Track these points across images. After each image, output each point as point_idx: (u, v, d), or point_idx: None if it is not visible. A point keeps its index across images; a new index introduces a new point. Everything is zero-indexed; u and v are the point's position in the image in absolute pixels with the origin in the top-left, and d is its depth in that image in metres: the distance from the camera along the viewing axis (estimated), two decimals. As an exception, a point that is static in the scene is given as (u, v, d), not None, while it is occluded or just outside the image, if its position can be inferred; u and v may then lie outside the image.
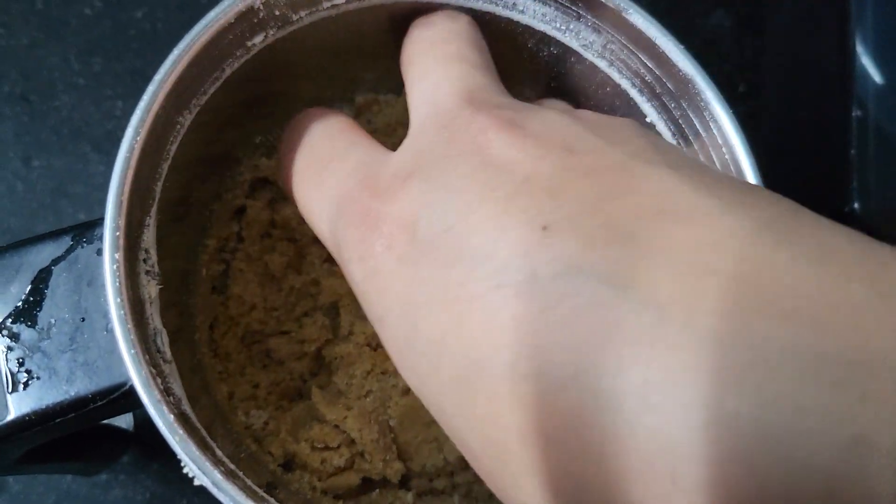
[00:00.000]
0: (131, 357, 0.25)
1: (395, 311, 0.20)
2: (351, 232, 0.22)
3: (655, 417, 0.14)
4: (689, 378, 0.14)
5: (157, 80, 0.28)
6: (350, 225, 0.23)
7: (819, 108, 0.45)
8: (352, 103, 0.42)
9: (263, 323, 0.39)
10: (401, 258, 0.20)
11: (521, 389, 0.16)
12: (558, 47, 0.36)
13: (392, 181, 0.22)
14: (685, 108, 0.32)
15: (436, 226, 0.19)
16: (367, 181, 0.23)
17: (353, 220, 0.22)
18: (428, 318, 0.19)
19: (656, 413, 0.14)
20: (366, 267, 0.22)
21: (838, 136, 0.43)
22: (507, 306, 0.17)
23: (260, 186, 0.41)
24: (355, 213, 0.22)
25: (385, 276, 0.21)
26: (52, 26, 0.45)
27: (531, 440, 0.16)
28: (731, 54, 0.49)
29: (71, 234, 0.28)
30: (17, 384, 0.26)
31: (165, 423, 0.24)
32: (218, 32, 0.30)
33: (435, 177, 0.20)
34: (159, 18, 0.46)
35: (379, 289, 0.21)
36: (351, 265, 0.23)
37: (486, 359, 0.17)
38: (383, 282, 0.21)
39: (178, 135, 0.31)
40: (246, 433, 0.37)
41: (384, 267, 0.21)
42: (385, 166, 0.23)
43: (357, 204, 0.23)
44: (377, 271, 0.21)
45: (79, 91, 0.45)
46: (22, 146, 0.44)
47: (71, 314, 0.27)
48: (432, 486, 0.38)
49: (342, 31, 0.36)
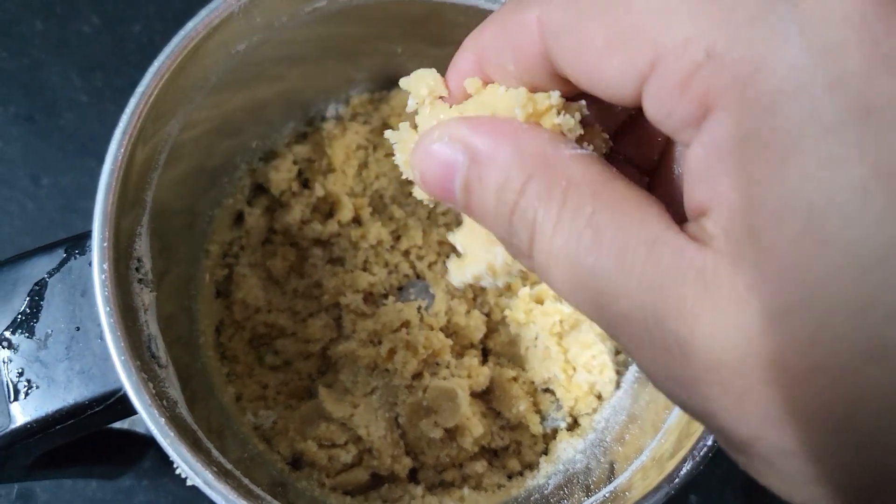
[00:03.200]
0: (122, 363, 0.26)
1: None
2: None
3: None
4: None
5: (139, 92, 0.29)
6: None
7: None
8: (347, 104, 0.43)
9: (269, 325, 0.40)
10: None
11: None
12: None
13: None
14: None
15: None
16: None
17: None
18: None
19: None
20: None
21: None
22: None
23: (258, 193, 0.41)
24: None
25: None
26: (53, 45, 0.46)
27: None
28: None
29: (64, 246, 0.29)
30: (17, 393, 0.27)
31: (156, 426, 0.25)
32: (199, 42, 0.30)
33: None
34: (157, 31, 0.47)
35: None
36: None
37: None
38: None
39: (167, 145, 0.32)
40: (254, 433, 0.38)
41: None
42: None
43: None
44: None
45: (82, 107, 0.46)
46: (30, 165, 0.45)
47: (66, 324, 0.28)
48: (442, 479, 0.38)
49: (327, 33, 0.36)
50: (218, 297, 0.40)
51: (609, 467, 0.35)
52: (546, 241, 0.16)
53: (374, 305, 0.40)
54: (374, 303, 0.40)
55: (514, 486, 0.38)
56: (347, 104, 0.43)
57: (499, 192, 0.17)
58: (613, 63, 0.16)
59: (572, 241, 0.16)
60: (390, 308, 0.39)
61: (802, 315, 0.13)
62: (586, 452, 0.37)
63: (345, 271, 0.40)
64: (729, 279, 0.14)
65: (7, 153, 0.45)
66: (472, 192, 0.18)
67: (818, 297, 0.13)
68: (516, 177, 0.17)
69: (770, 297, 0.13)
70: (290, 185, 0.41)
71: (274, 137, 0.41)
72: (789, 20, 0.13)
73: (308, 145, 0.42)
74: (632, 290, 0.15)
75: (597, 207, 0.16)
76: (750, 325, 0.14)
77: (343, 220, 0.41)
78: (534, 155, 0.17)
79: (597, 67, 0.16)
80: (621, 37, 0.15)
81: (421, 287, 0.41)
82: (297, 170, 0.41)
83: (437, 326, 0.39)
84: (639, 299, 0.15)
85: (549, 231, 0.16)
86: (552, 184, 0.16)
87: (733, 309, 0.14)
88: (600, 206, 0.16)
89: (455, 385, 0.37)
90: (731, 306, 0.14)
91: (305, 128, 0.42)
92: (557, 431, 0.39)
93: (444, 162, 0.18)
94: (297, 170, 0.41)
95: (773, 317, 0.13)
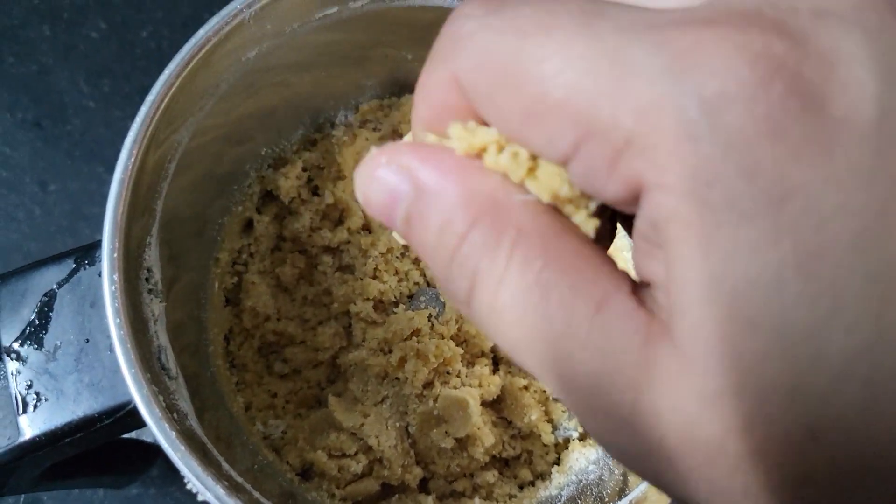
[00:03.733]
0: (132, 376, 0.25)
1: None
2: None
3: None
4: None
5: (150, 101, 0.28)
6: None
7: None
8: (356, 111, 0.42)
9: (278, 334, 0.39)
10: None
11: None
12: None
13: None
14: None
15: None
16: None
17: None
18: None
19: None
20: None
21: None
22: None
23: (268, 200, 0.41)
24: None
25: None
26: (61, 51, 0.46)
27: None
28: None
29: (73, 256, 0.29)
30: (26, 406, 0.27)
31: (167, 440, 0.25)
32: (209, 50, 0.30)
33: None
34: (164, 37, 0.47)
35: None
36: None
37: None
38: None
39: (177, 153, 0.31)
40: (264, 443, 0.37)
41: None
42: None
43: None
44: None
45: (89, 113, 0.45)
46: (37, 171, 0.45)
47: (76, 335, 0.28)
48: (453, 489, 0.38)
49: (338, 40, 0.36)
50: (227, 305, 0.40)
51: (622, 479, 0.35)
52: (489, 293, 0.16)
53: (385, 314, 0.40)
54: (385, 311, 0.40)
55: (525, 497, 0.38)
56: (357, 111, 0.42)
57: (440, 233, 0.16)
58: (534, 137, 0.15)
59: (518, 298, 0.15)
60: (401, 316, 0.39)
61: (736, 400, 0.13)
62: (599, 463, 0.37)
63: (354, 279, 0.40)
64: (667, 358, 0.14)
65: (14, 159, 0.45)
66: (413, 227, 0.17)
67: (750, 381, 0.13)
68: (460, 220, 0.16)
69: (703, 382, 0.13)
70: (299, 193, 0.40)
71: (283, 144, 0.41)
72: (697, 110, 0.13)
73: (317, 152, 0.42)
74: (578, 355, 0.15)
75: (547, 262, 0.15)
76: (687, 407, 0.14)
77: (353, 227, 0.41)
78: (482, 197, 0.16)
79: (519, 135, 0.15)
80: (539, 116, 0.15)
81: (431, 295, 0.41)
82: (307, 177, 0.41)
83: (447, 335, 0.39)
84: (585, 365, 0.15)
85: (492, 284, 0.15)
86: (500, 232, 0.15)
87: (672, 389, 0.14)
88: (550, 260, 0.15)
89: (466, 394, 0.37)
90: (670, 386, 0.14)
91: (315, 134, 0.42)
92: (569, 441, 0.39)
93: (389, 189, 0.17)
94: (306, 177, 0.41)
95: (707, 401, 0.13)
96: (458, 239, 0.16)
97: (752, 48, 0.13)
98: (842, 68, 0.13)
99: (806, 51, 0.13)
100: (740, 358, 0.13)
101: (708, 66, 0.13)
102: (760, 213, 0.13)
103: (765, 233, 0.13)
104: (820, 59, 0.13)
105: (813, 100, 0.13)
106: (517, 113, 0.15)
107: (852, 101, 0.13)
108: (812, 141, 0.13)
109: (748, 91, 0.13)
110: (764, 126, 0.13)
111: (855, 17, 0.14)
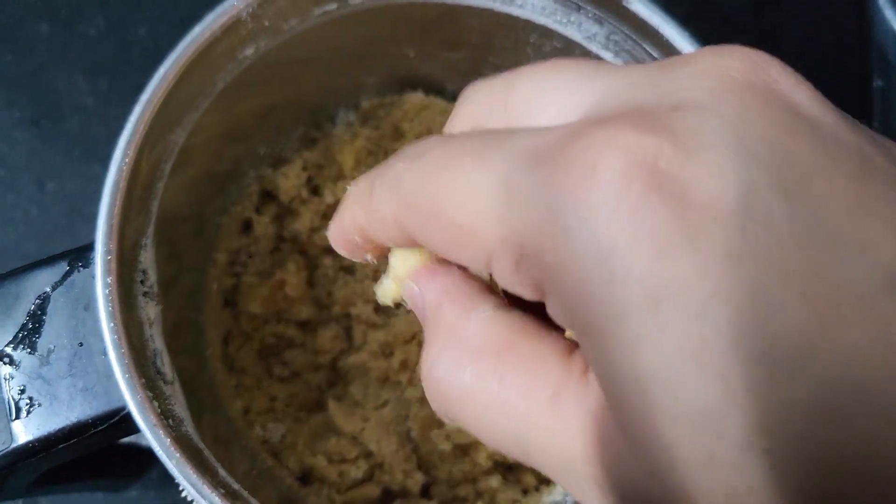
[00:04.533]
0: (126, 381, 0.25)
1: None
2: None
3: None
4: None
5: (144, 100, 0.28)
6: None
7: (839, 80, 0.44)
8: (357, 109, 0.42)
9: (278, 336, 0.39)
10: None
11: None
12: (561, 41, 0.35)
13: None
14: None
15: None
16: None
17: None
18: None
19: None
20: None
21: (860, 107, 0.42)
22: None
23: (267, 200, 0.41)
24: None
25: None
26: (58, 49, 0.45)
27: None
28: (749, 28, 0.47)
29: (67, 258, 0.28)
30: (19, 411, 0.26)
31: (161, 447, 0.24)
32: (205, 48, 0.29)
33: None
34: (162, 34, 0.46)
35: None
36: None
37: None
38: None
39: (173, 152, 0.31)
40: (263, 447, 0.37)
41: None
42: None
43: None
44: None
45: (87, 112, 0.45)
46: (35, 170, 0.44)
47: (69, 339, 0.27)
48: (455, 494, 0.38)
49: (338, 37, 0.35)
50: (226, 306, 0.39)
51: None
52: (458, 410, 0.18)
53: (386, 316, 0.39)
54: (386, 313, 0.39)
55: (529, 503, 0.37)
56: (357, 109, 0.42)
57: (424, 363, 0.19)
58: (461, 258, 0.17)
59: (483, 412, 0.17)
60: (402, 319, 0.38)
61: (669, 478, 0.14)
62: (603, 468, 0.37)
63: (355, 281, 0.40)
64: (611, 433, 0.15)
65: (12, 158, 0.45)
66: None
67: (676, 459, 0.14)
68: (433, 347, 0.18)
69: (641, 462, 0.14)
70: (299, 192, 0.40)
71: (282, 143, 0.41)
72: (570, 220, 0.14)
73: (317, 151, 0.41)
74: (541, 445, 0.16)
75: (502, 373, 0.17)
76: (639, 482, 0.15)
77: (353, 227, 0.40)
78: (446, 326, 0.18)
79: (452, 257, 0.18)
80: (457, 242, 0.17)
81: (433, 297, 0.40)
82: (307, 176, 0.40)
83: (449, 337, 0.38)
84: (551, 454, 0.16)
85: (461, 402, 0.17)
86: (461, 356, 0.18)
87: (622, 464, 0.15)
88: (505, 370, 0.17)
89: (469, 398, 0.36)
90: (619, 461, 0.15)
91: (315, 133, 0.42)
92: (574, 446, 0.38)
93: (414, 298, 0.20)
94: (306, 176, 0.40)
95: (651, 477, 0.14)
96: (430, 366, 0.18)
97: (613, 152, 0.14)
98: (700, 155, 0.14)
99: (661, 143, 0.14)
100: (661, 442, 0.14)
101: (578, 179, 0.14)
102: (639, 317, 0.13)
103: (650, 329, 0.13)
104: (675, 149, 0.14)
105: (672, 191, 0.14)
106: (442, 242, 0.17)
107: (712, 186, 0.13)
108: (676, 235, 0.13)
109: (612, 197, 0.14)
110: (628, 230, 0.14)
111: (712, 105, 0.15)
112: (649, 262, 0.13)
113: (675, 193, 0.13)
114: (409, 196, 0.17)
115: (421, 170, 0.17)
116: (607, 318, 0.14)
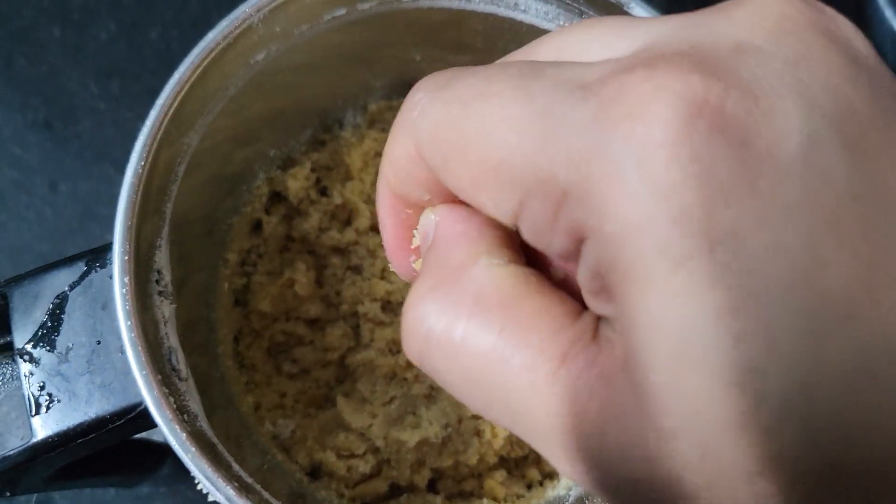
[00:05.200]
0: (143, 378, 0.26)
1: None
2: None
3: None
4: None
5: (159, 104, 0.28)
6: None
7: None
8: (364, 112, 0.42)
9: (287, 334, 0.40)
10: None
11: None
12: (564, 44, 0.35)
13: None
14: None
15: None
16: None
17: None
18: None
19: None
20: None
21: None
22: None
23: (276, 201, 0.41)
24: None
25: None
26: (70, 52, 0.46)
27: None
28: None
29: (84, 259, 0.29)
30: (39, 407, 0.27)
31: (178, 442, 0.25)
32: (218, 53, 0.30)
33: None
34: (174, 37, 0.47)
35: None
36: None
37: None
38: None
39: (186, 155, 0.32)
40: (273, 443, 0.37)
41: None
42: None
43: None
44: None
45: (99, 114, 0.46)
46: (48, 172, 0.45)
47: (87, 337, 0.28)
48: (461, 489, 0.38)
49: (346, 41, 0.36)
50: (236, 305, 0.40)
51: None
52: (440, 356, 0.16)
53: (393, 314, 0.40)
54: (393, 311, 0.40)
55: (533, 497, 0.38)
56: (365, 111, 0.43)
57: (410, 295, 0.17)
58: (484, 201, 0.16)
59: (472, 365, 0.16)
60: (409, 317, 0.39)
61: (688, 439, 0.13)
62: (607, 463, 0.37)
63: (363, 279, 0.40)
64: (626, 397, 0.14)
65: (25, 160, 0.45)
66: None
67: (697, 423, 0.13)
68: (424, 284, 0.17)
69: (655, 423, 0.14)
70: (307, 193, 0.41)
71: (291, 145, 0.41)
72: (625, 158, 0.13)
73: (326, 153, 0.42)
74: (542, 409, 0.15)
75: (505, 324, 0.16)
76: (648, 446, 0.14)
77: (361, 228, 0.41)
78: (450, 265, 0.17)
79: (474, 201, 0.16)
80: (485, 180, 0.15)
81: (439, 295, 0.41)
82: (315, 178, 0.41)
83: (455, 335, 0.39)
84: (551, 417, 0.15)
85: (443, 350, 0.16)
86: (458, 299, 0.16)
87: (631, 428, 0.14)
88: (508, 324, 0.16)
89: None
90: (629, 426, 0.14)
91: (323, 135, 0.42)
92: (577, 441, 0.39)
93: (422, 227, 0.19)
94: (314, 178, 0.41)
95: (661, 440, 0.14)
96: (417, 299, 0.17)
97: (674, 89, 0.13)
98: (764, 101, 0.13)
99: (727, 87, 0.13)
100: (690, 398, 0.13)
101: (633, 112, 0.14)
102: (693, 260, 0.13)
103: (698, 278, 0.13)
104: (742, 93, 0.13)
105: (737, 136, 0.13)
106: (467, 179, 0.16)
107: (776, 133, 0.13)
108: (738, 180, 0.13)
109: (672, 134, 0.13)
110: (690, 168, 0.13)
111: (774, 48, 0.14)
112: (710, 205, 0.13)
113: (740, 138, 0.13)
114: (434, 126, 0.16)
115: (446, 99, 0.16)
116: (656, 262, 0.13)
